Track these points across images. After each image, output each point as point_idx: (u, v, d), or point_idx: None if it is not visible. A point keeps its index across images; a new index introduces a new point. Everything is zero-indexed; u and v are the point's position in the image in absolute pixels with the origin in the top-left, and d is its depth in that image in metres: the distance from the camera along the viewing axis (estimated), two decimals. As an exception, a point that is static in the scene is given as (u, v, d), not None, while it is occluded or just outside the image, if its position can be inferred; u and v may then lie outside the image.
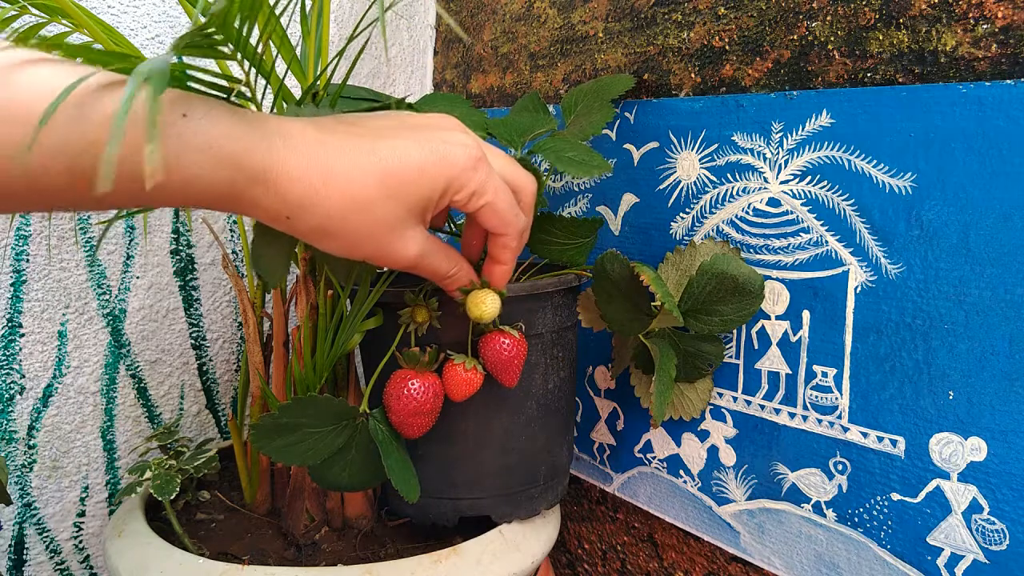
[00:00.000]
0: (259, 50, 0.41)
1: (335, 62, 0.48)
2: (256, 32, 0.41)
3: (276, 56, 0.51)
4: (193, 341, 0.76)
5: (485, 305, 0.46)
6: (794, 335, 0.53)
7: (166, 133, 0.31)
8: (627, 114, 0.65)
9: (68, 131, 0.30)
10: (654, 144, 0.62)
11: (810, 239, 0.52)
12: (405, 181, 0.37)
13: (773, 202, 0.54)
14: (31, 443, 0.67)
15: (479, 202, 0.40)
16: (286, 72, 0.52)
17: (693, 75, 0.59)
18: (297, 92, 0.73)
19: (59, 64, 0.31)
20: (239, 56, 0.40)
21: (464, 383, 0.49)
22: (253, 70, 0.43)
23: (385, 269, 0.55)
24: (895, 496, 0.48)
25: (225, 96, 0.38)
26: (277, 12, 0.43)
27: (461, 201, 0.40)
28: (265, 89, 0.54)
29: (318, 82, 0.50)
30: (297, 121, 0.37)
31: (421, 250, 0.40)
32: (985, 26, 0.43)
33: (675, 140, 0.60)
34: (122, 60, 0.33)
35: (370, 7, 0.59)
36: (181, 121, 0.32)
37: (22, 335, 0.66)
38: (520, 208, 0.44)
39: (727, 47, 0.57)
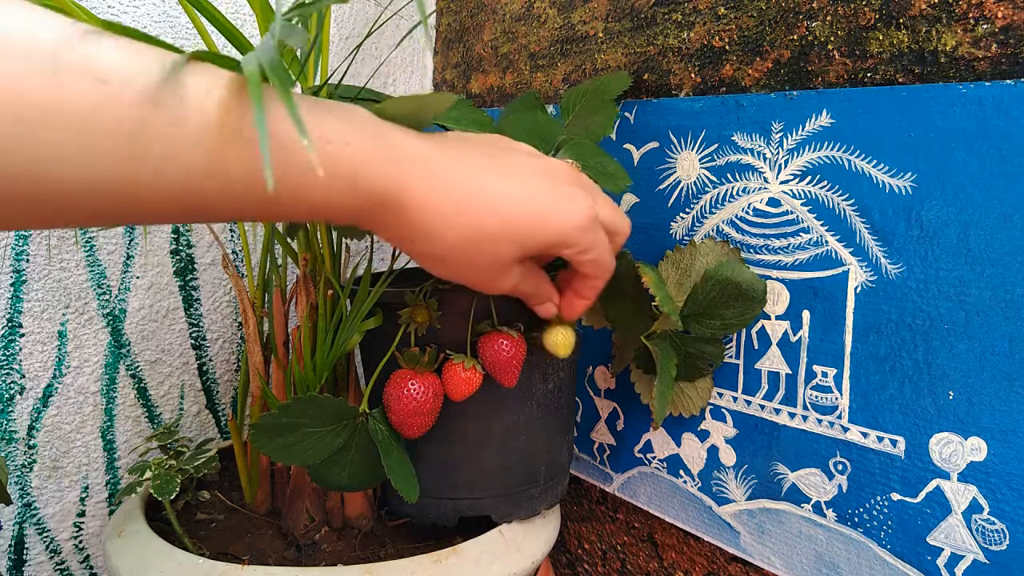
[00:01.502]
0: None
1: (341, 64, 0.48)
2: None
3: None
4: (193, 341, 0.76)
5: (567, 344, 0.51)
6: (794, 335, 0.53)
7: (304, 161, 0.30)
8: (627, 114, 0.65)
9: (152, 136, 0.26)
10: (654, 144, 0.62)
11: (810, 239, 0.52)
12: (526, 228, 0.38)
13: (773, 202, 0.54)
14: (31, 443, 0.67)
15: (585, 257, 0.42)
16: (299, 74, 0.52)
17: (693, 75, 0.59)
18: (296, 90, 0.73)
19: (116, 41, 0.27)
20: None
21: (463, 383, 0.49)
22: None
23: (384, 269, 0.55)
24: (895, 496, 0.48)
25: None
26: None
27: (569, 255, 0.42)
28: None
29: (319, 82, 0.50)
30: (431, 144, 0.36)
31: (519, 280, 0.42)
32: (985, 26, 0.43)
33: (675, 140, 0.60)
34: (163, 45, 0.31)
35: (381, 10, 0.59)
36: (326, 149, 0.31)
37: (22, 335, 0.66)
38: (613, 249, 0.46)
39: (727, 47, 0.57)
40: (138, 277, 0.72)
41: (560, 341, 0.51)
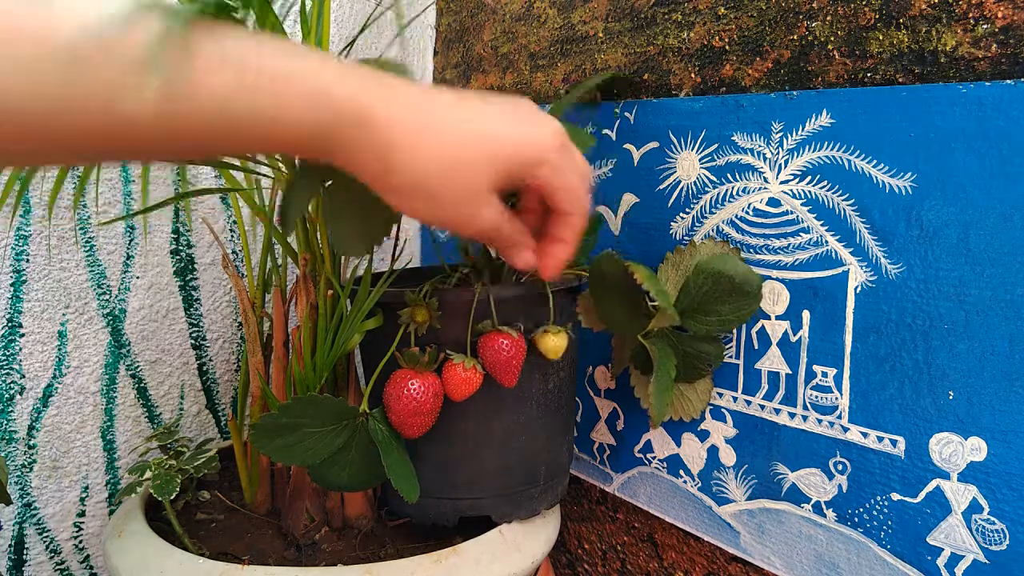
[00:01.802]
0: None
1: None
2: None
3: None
4: (193, 341, 0.76)
5: (558, 347, 0.52)
6: (794, 335, 0.53)
7: (285, 88, 0.32)
8: (627, 114, 0.65)
9: (97, 67, 0.28)
10: (654, 144, 0.62)
11: (810, 239, 0.52)
12: (500, 150, 0.39)
13: (773, 202, 0.54)
14: (31, 443, 0.67)
15: (559, 182, 0.42)
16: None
17: (693, 75, 0.59)
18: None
19: None
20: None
21: (463, 383, 0.49)
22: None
23: (384, 269, 0.55)
24: (895, 496, 0.48)
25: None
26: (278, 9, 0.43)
27: (544, 176, 0.42)
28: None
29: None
30: (401, 81, 0.38)
31: (499, 218, 0.42)
32: (985, 26, 0.43)
33: (675, 140, 0.60)
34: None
35: (376, 7, 0.60)
36: (297, 74, 0.33)
37: (22, 335, 0.66)
38: None
39: (727, 47, 0.57)
40: (138, 277, 0.72)
41: (551, 345, 0.52)
